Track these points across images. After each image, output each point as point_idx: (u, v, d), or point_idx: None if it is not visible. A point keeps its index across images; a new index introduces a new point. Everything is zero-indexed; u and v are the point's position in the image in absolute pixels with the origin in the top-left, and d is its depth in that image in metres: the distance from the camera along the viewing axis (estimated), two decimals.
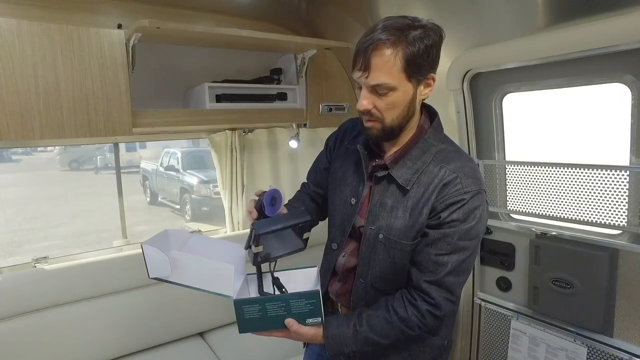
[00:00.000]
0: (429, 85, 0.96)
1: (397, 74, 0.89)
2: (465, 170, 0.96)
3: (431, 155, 0.99)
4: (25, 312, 1.67)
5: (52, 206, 8.21)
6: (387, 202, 1.02)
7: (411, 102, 0.95)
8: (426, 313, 0.96)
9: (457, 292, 0.98)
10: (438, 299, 0.95)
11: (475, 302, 1.86)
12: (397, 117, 0.95)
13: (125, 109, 1.52)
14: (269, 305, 0.97)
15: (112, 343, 1.80)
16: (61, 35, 1.37)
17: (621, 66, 1.28)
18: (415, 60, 0.89)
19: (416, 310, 0.96)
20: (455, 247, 0.94)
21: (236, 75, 1.98)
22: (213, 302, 2.06)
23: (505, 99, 1.63)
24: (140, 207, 8.42)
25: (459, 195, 0.93)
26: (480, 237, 0.98)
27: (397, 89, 0.91)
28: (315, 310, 0.96)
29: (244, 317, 1.00)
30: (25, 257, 1.89)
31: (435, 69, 0.96)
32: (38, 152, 13.77)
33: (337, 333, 0.99)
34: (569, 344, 1.51)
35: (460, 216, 0.93)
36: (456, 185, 0.94)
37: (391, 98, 0.92)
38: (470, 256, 0.97)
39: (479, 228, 0.95)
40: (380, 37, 0.88)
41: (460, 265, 0.95)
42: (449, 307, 0.97)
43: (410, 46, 0.88)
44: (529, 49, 1.42)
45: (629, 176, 1.32)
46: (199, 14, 1.92)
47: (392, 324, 0.97)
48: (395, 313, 0.97)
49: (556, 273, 1.50)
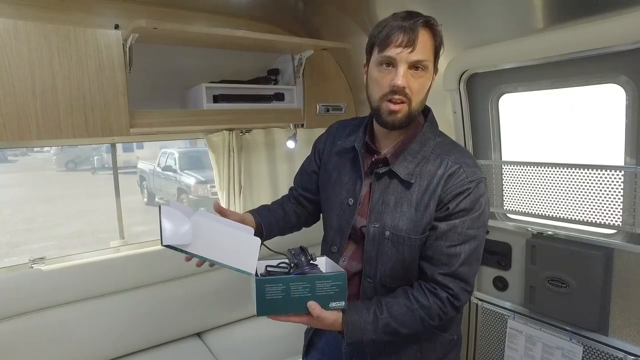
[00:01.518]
0: (433, 79, 1.00)
1: (431, 53, 0.95)
2: (467, 160, 0.99)
3: (430, 148, 1.00)
4: (22, 313, 1.67)
5: (49, 207, 8.18)
6: (390, 199, 1.01)
7: (429, 88, 0.99)
8: (447, 301, 0.95)
9: (471, 281, 0.98)
10: (456, 290, 0.95)
11: (472, 302, 1.87)
12: (420, 101, 0.97)
13: (122, 109, 1.52)
14: (294, 285, 0.90)
15: (109, 344, 1.80)
16: (58, 36, 1.37)
17: (616, 67, 1.29)
18: (438, 47, 0.96)
19: (437, 298, 0.96)
20: (465, 236, 0.95)
21: (233, 75, 1.98)
22: (210, 302, 2.06)
23: (502, 99, 1.64)
24: (138, 207, 8.40)
25: (464, 185, 0.95)
26: (487, 224, 1.00)
27: (428, 69, 0.95)
28: (340, 293, 0.92)
29: (265, 297, 0.90)
30: (22, 258, 1.88)
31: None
32: (34, 153, 13.72)
33: (357, 319, 0.95)
34: (565, 343, 1.52)
35: (467, 205, 0.95)
36: (460, 175, 0.96)
37: (423, 79, 0.95)
38: (480, 244, 0.98)
39: (485, 215, 0.98)
40: (425, 19, 0.93)
41: (472, 254, 0.96)
42: (466, 297, 0.98)
43: (437, 32, 0.95)
44: (525, 49, 1.43)
45: (623, 176, 1.33)
46: (196, 15, 1.92)
47: (414, 311, 0.95)
48: (417, 301, 0.96)
49: (552, 272, 1.51)
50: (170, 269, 2.00)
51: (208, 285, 2.07)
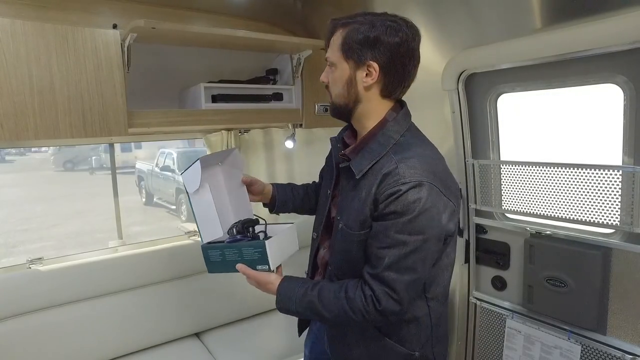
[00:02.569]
0: (370, 74, 0.99)
1: (337, 51, 1.00)
2: (410, 161, 0.95)
3: (388, 147, 1.00)
4: (20, 314, 1.66)
5: (47, 207, 8.16)
6: (348, 194, 1.05)
7: (349, 83, 1.01)
8: (369, 300, 0.95)
9: (398, 289, 0.93)
10: (378, 292, 0.94)
11: (471, 302, 1.87)
12: (338, 94, 1.03)
13: (120, 109, 1.51)
14: (227, 251, 1.12)
15: (107, 344, 1.80)
16: (56, 35, 1.37)
17: (613, 67, 1.29)
18: (350, 43, 0.98)
19: (362, 294, 0.96)
20: (393, 240, 0.92)
21: (232, 75, 1.98)
22: (209, 302, 2.06)
23: (500, 99, 1.64)
24: (136, 207, 8.38)
25: (395, 186, 0.92)
26: (429, 234, 0.93)
27: (337, 66, 1.01)
28: (262, 258, 1.06)
29: (210, 260, 1.17)
30: (20, 258, 1.87)
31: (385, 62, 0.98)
32: (32, 153, 13.68)
33: (289, 290, 1.04)
34: (563, 342, 1.53)
35: (398, 208, 0.91)
36: (394, 175, 0.93)
37: (334, 74, 1.03)
38: (413, 253, 0.92)
39: (423, 223, 0.91)
40: (337, 20, 1.02)
41: (400, 261, 0.92)
42: (391, 304, 0.94)
43: (351, 31, 0.98)
44: (523, 49, 1.43)
45: (621, 175, 1.33)
46: (194, 14, 1.92)
47: (339, 299, 0.98)
48: (345, 291, 0.98)
49: (550, 272, 1.52)
50: (169, 269, 2.00)
51: (206, 285, 2.06)
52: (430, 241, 0.94)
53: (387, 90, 1.02)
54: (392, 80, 1.00)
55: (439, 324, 1.11)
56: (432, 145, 1.08)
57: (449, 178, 1.01)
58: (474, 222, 1.80)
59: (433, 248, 0.96)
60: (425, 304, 1.06)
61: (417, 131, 1.09)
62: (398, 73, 1.00)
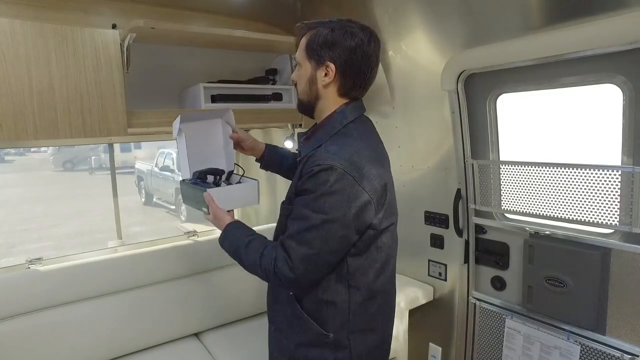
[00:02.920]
0: (328, 74, 1.08)
1: (302, 52, 1.12)
2: (332, 147, 1.05)
3: (329, 135, 1.09)
4: (19, 314, 1.66)
5: (46, 207, 8.15)
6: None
7: (311, 81, 1.12)
8: (272, 261, 1.05)
9: (294, 258, 1.02)
10: (279, 256, 1.04)
11: (470, 302, 1.87)
12: (302, 91, 1.15)
13: (120, 109, 1.51)
14: (188, 189, 1.34)
15: (107, 344, 1.79)
16: (55, 35, 1.37)
17: (613, 67, 1.29)
18: (312, 45, 1.09)
19: (271, 254, 1.06)
20: (299, 214, 1.04)
21: (231, 75, 1.98)
22: (208, 302, 2.05)
23: (500, 99, 1.65)
24: (135, 207, 8.39)
25: (312, 166, 1.02)
26: (331, 216, 0.99)
27: (302, 65, 1.13)
28: (203, 203, 1.25)
29: (182, 192, 1.39)
30: (19, 259, 1.87)
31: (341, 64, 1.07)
32: (31, 153, 13.67)
33: (233, 230, 1.18)
34: (563, 342, 1.53)
35: (309, 186, 1.02)
36: (313, 157, 1.04)
37: (299, 72, 1.15)
38: (313, 229, 1.00)
39: (327, 203, 0.99)
40: (305, 25, 1.14)
41: (300, 233, 1.02)
42: (286, 270, 1.02)
43: (314, 35, 1.10)
44: (522, 49, 1.43)
45: (620, 176, 1.33)
46: (194, 14, 1.92)
47: (257, 252, 1.09)
48: (264, 247, 1.09)
49: (550, 272, 1.52)
50: (168, 269, 1.99)
51: (206, 286, 2.06)
52: (333, 224, 1.00)
53: (344, 90, 1.11)
54: (348, 81, 1.10)
55: (359, 314, 1.13)
56: (372, 141, 1.16)
57: (372, 172, 1.05)
58: (474, 222, 1.81)
59: (338, 232, 1.01)
60: (346, 291, 1.10)
61: (363, 126, 1.15)
62: (353, 74, 1.09)
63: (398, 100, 2.00)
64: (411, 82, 1.91)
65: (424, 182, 2.00)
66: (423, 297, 2.03)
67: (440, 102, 1.79)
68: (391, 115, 2.04)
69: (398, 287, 1.22)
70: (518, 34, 1.44)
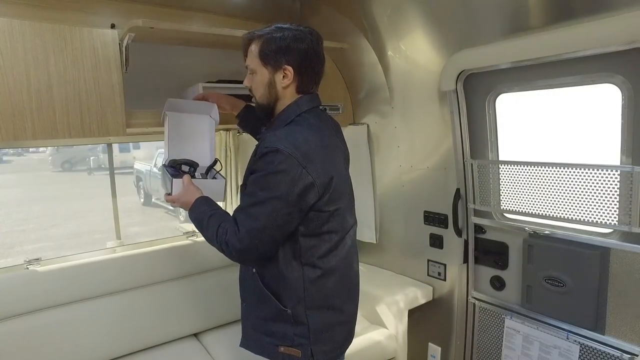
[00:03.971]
0: (287, 76, 1.17)
1: (255, 59, 1.19)
2: (279, 132, 1.15)
3: (284, 123, 1.19)
4: (18, 314, 1.66)
5: (45, 207, 8.13)
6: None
7: (269, 84, 1.19)
8: (224, 231, 1.14)
9: (241, 230, 1.11)
10: (229, 227, 1.14)
11: (470, 301, 1.87)
12: (261, 95, 1.22)
13: (118, 109, 1.51)
14: (164, 175, 1.45)
15: (106, 345, 1.79)
16: (53, 35, 1.36)
17: (611, 67, 1.30)
18: (266, 52, 1.16)
19: (226, 226, 1.15)
20: (249, 190, 1.14)
21: (231, 75, 1.97)
22: (207, 302, 2.05)
23: (499, 99, 1.65)
24: (134, 208, 8.36)
25: (261, 149, 1.13)
26: (276, 194, 1.09)
27: (257, 72, 1.20)
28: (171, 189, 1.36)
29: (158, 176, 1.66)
30: (18, 259, 1.87)
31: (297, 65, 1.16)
32: (30, 153, 13.64)
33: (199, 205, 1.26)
34: (562, 342, 1.53)
35: (257, 166, 1.12)
36: (263, 141, 1.15)
37: (255, 78, 1.21)
38: (259, 205, 1.10)
39: (272, 182, 1.09)
40: (252, 33, 1.20)
41: (247, 208, 1.13)
42: (234, 241, 1.12)
43: (265, 42, 1.17)
44: (521, 49, 1.43)
45: (619, 175, 1.34)
46: (193, 14, 1.92)
47: (216, 224, 1.17)
48: (223, 220, 1.18)
49: (549, 272, 1.52)
50: (167, 269, 1.99)
51: (205, 286, 2.06)
52: (277, 201, 1.09)
53: (302, 87, 1.20)
54: (305, 79, 1.19)
55: (314, 291, 1.20)
56: (321, 131, 1.22)
57: (318, 159, 1.13)
58: (473, 222, 1.81)
59: (282, 210, 1.10)
60: (300, 268, 1.18)
61: (317, 117, 1.23)
62: (308, 72, 1.19)
63: (397, 100, 2.00)
64: (410, 82, 1.91)
65: (423, 182, 2.00)
66: (422, 297, 2.03)
67: (440, 102, 1.79)
68: (390, 115, 2.04)
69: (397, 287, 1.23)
70: (517, 34, 1.44)
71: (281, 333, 1.20)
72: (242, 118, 1.58)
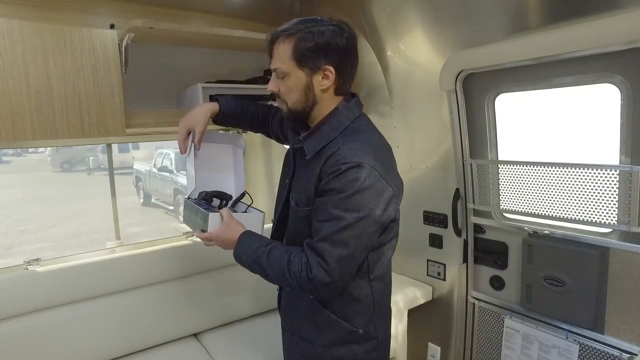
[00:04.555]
0: (327, 77, 1.05)
1: (288, 61, 1.04)
2: (353, 144, 1.02)
3: (338, 131, 1.07)
4: (17, 315, 1.65)
5: (44, 208, 8.13)
6: (301, 174, 1.14)
7: (307, 88, 1.06)
8: (304, 267, 1.01)
9: (329, 261, 0.98)
10: (311, 261, 1.00)
11: (469, 301, 1.87)
12: (296, 100, 1.08)
13: (118, 109, 1.51)
14: (190, 208, 1.34)
15: (105, 345, 1.79)
16: (53, 35, 1.36)
17: (611, 67, 1.30)
18: (303, 52, 1.02)
19: (300, 260, 1.02)
20: (329, 215, 0.99)
21: (230, 75, 1.97)
22: (207, 303, 2.05)
23: (498, 99, 1.65)
24: (134, 208, 8.36)
25: (336, 165, 0.99)
26: (364, 213, 0.98)
27: (291, 75, 1.05)
28: (204, 224, 1.22)
29: (184, 211, 1.39)
30: (17, 259, 1.87)
31: (338, 64, 1.05)
32: (29, 154, 13.63)
33: (246, 242, 1.13)
34: (561, 341, 1.53)
35: (337, 185, 0.99)
36: (337, 156, 1.01)
37: (287, 82, 1.06)
38: (348, 228, 0.98)
39: (359, 201, 0.98)
40: (279, 30, 1.06)
41: (334, 234, 0.98)
42: (322, 274, 0.99)
43: (300, 40, 1.02)
44: (521, 49, 1.43)
45: (618, 175, 1.34)
46: (192, 15, 1.92)
47: (282, 260, 1.05)
48: (290, 254, 1.05)
49: (548, 271, 1.52)
50: (167, 269, 1.99)
51: (204, 286, 2.06)
52: (366, 220, 0.99)
53: (341, 88, 1.09)
54: (344, 79, 1.08)
55: (382, 303, 1.17)
56: (380, 135, 1.15)
57: (391, 166, 1.07)
58: (472, 222, 1.81)
59: (369, 228, 1.00)
60: (369, 285, 1.12)
61: (368, 120, 1.15)
62: (348, 71, 1.07)
63: (396, 100, 2.00)
64: (409, 82, 1.91)
65: (422, 182, 2.00)
66: (422, 296, 2.03)
67: (439, 102, 1.79)
68: (390, 115, 2.04)
69: (397, 287, 1.24)
70: (516, 34, 1.44)
71: (350, 355, 1.13)
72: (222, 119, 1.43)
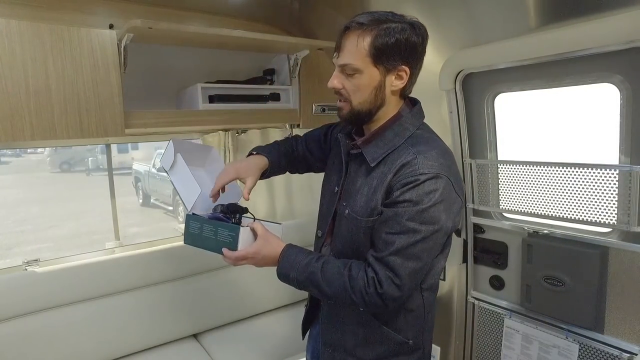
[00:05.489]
0: (401, 78, 0.98)
1: (363, 57, 0.95)
2: (428, 153, 0.97)
3: (403, 138, 1.01)
4: (16, 316, 1.65)
5: (43, 208, 8.12)
6: (357, 181, 1.06)
7: (378, 88, 0.98)
8: (371, 282, 0.96)
9: (402, 275, 0.94)
10: (381, 275, 0.95)
11: (469, 301, 1.87)
12: (363, 100, 0.99)
13: (117, 109, 1.51)
14: (205, 226, 1.13)
15: (104, 346, 1.79)
16: (52, 35, 1.36)
17: (610, 66, 1.30)
18: (382, 48, 0.93)
19: (365, 275, 0.97)
20: (404, 227, 0.94)
21: (229, 75, 1.97)
22: (206, 303, 2.05)
23: (497, 98, 1.65)
24: (133, 208, 8.36)
25: (413, 175, 0.94)
26: (439, 225, 0.95)
27: (363, 72, 0.96)
28: (233, 243, 1.06)
29: (189, 230, 1.17)
30: (16, 260, 1.86)
31: (412, 64, 0.98)
32: (28, 154, 13.61)
33: (293, 257, 1.03)
34: (561, 341, 1.53)
35: (412, 197, 0.93)
36: (413, 166, 0.95)
37: (357, 80, 0.97)
38: (422, 242, 0.94)
39: (436, 214, 0.94)
40: (355, 22, 0.96)
41: (408, 247, 0.94)
42: (393, 289, 0.95)
43: (380, 35, 0.93)
44: (520, 49, 1.43)
45: (618, 175, 1.34)
46: (191, 15, 1.92)
47: (342, 275, 0.99)
48: (349, 269, 0.99)
49: (548, 271, 1.52)
50: (166, 270, 1.99)
51: (204, 286, 2.06)
52: (439, 233, 0.96)
53: (407, 91, 1.04)
54: (412, 81, 1.02)
55: (432, 313, 1.15)
56: (443, 142, 1.09)
57: (459, 176, 1.03)
58: (472, 222, 1.81)
59: (440, 240, 0.98)
60: (420, 295, 1.08)
61: (429, 128, 1.11)
62: (416, 73, 1.01)
63: None
64: None
65: None
66: None
67: (438, 101, 1.79)
68: None
69: None
70: (516, 33, 1.44)
71: None
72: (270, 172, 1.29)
